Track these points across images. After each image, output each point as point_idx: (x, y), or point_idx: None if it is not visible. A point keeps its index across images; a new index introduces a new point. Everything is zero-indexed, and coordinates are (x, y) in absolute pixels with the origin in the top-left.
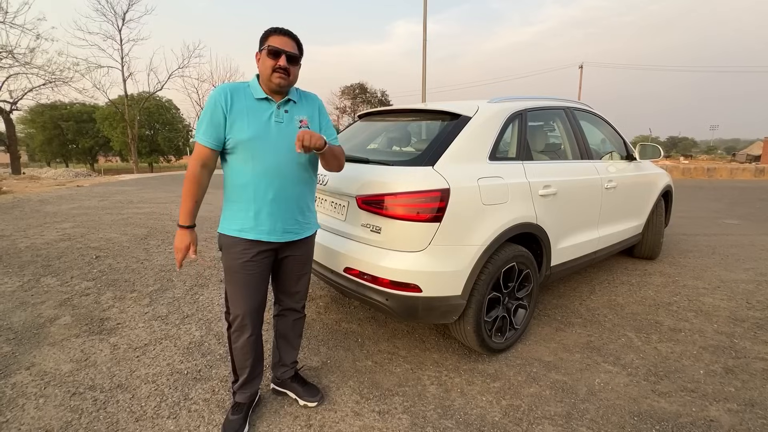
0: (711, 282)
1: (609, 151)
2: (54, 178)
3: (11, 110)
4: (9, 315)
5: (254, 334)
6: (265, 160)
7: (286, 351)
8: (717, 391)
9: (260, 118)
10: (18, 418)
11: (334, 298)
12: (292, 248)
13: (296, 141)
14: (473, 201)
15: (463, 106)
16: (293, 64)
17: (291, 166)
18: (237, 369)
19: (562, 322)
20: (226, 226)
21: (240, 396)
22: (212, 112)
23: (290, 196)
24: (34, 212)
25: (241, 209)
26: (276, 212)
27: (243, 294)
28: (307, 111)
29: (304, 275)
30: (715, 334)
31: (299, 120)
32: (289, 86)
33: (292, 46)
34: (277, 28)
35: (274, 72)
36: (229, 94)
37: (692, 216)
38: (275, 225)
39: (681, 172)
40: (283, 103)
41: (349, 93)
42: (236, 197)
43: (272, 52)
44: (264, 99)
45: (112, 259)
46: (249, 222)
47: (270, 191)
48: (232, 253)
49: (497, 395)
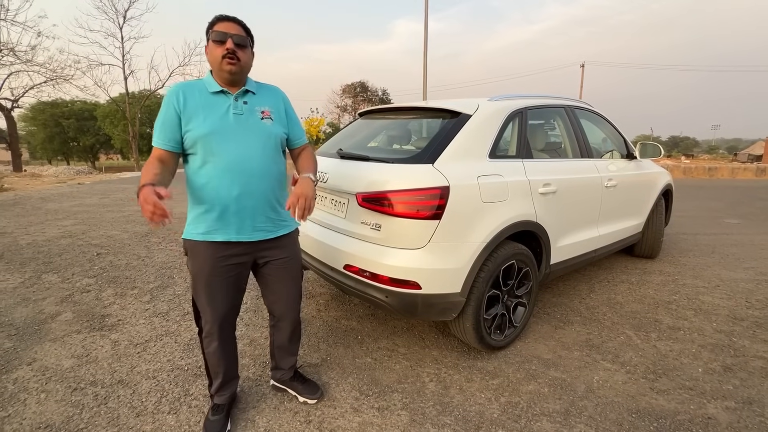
0: (710, 281)
1: (609, 149)
2: (55, 175)
3: (12, 108)
4: (11, 311)
5: (226, 339)
6: (227, 155)
7: (284, 358)
8: (715, 389)
9: (217, 112)
10: (20, 413)
11: (334, 295)
12: (271, 250)
13: (291, 211)
14: (473, 199)
15: (464, 104)
16: (242, 49)
17: (256, 160)
18: (211, 373)
19: (561, 320)
20: (191, 231)
21: (218, 398)
22: (165, 112)
23: (258, 192)
24: (36, 209)
25: (205, 210)
26: (243, 209)
27: (213, 301)
28: (269, 102)
29: (292, 281)
30: (714, 332)
31: (261, 111)
32: (242, 73)
33: (238, 29)
34: (221, 15)
35: (223, 59)
36: (182, 92)
37: (692, 215)
38: (243, 223)
39: (682, 171)
40: (240, 95)
41: (350, 91)
42: (200, 198)
43: (217, 39)
44: (219, 92)
45: (113, 256)
46: (215, 223)
47: (235, 187)
48: (199, 258)
49: (496, 392)
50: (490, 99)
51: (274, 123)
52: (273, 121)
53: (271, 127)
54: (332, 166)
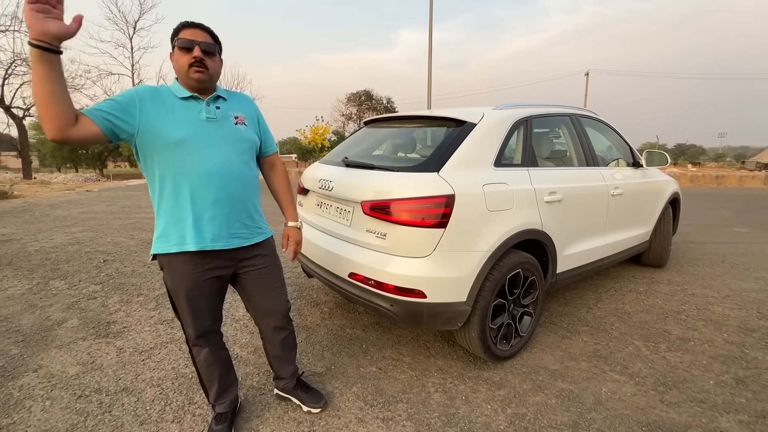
0: (721, 291)
1: (615, 158)
2: (64, 183)
3: (24, 116)
4: (18, 317)
5: (215, 344)
6: (201, 161)
7: (282, 367)
8: (727, 402)
9: (189, 117)
10: (25, 420)
11: (339, 303)
12: (250, 260)
13: (291, 257)
14: (478, 207)
15: (468, 113)
16: (210, 57)
17: (231, 165)
18: (205, 382)
19: (568, 330)
20: (163, 244)
21: (219, 407)
22: (125, 97)
23: (233, 197)
24: (44, 216)
25: (177, 220)
26: (219, 216)
27: (197, 315)
28: (242, 109)
29: (276, 288)
30: (725, 343)
31: (234, 117)
32: (211, 81)
33: (205, 37)
34: (187, 22)
35: (190, 67)
36: (149, 93)
37: (701, 224)
38: (220, 230)
39: (689, 179)
40: (212, 100)
41: (355, 100)
42: (170, 207)
43: (184, 47)
44: (190, 97)
45: (120, 263)
46: (188, 232)
47: (210, 193)
48: (175, 273)
49: (502, 403)
50: (494, 108)
51: (248, 129)
52: (247, 127)
53: (245, 132)
54: (338, 174)
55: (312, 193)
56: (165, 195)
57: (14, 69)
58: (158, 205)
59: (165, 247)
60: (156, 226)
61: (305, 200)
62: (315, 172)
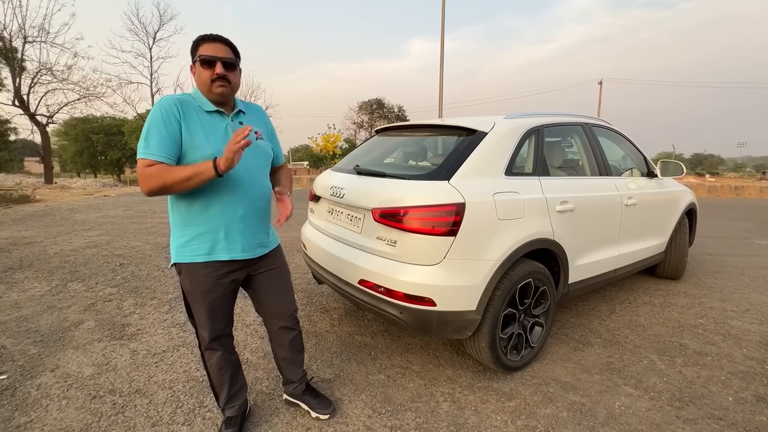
0: (740, 305)
1: (629, 167)
2: (83, 188)
3: (47, 123)
4: (37, 318)
5: (227, 348)
6: (232, 176)
7: (290, 370)
8: (747, 420)
9: (218, 133)
10: (41, 418)
11: (348, 310)
12: (262, 260)
13: (282, 220)
14: (489, 215)
15: (480, 122)
16: (231, 71)
17: (257, 180)
18: (216, 386)
19: (580, 341)
20: (189, 253)
21: (229, 411)
22: (165, 123)
23: (259, 210)
24: (64, 220)
25: (206, 231)
26: (247, 228)
27: (213, 317)
28: (258, 122)
29: (287, 289)
30: (744, 359)
31: (254, 132)
32: (232, 94)
33: (226, 51)
34: (207, 35)
35: (213, 82)
36: (179, 104)
37: (719, 236)
38: (248, 241)
39: (707, 190)
40: (235, 115)
41: (367, 108)
42: (197, 220)
43: (206, 62)
44: (215, 112)
45: (135, 267)
46: (219, 243)
47: (240, 207)
48: (198, 277)
49: (512, 415)
50: (506, 117)
51: (266, 143)
52: (265, 141)
53: (265, 146)
54: (349, 181)
55: (323, 200)
56: (195, 206)
57: (39, 78)
58: (184, 215)
59: (192, 257)
60: (180, 235)
61: (316, 207)
62: (326, 180)
